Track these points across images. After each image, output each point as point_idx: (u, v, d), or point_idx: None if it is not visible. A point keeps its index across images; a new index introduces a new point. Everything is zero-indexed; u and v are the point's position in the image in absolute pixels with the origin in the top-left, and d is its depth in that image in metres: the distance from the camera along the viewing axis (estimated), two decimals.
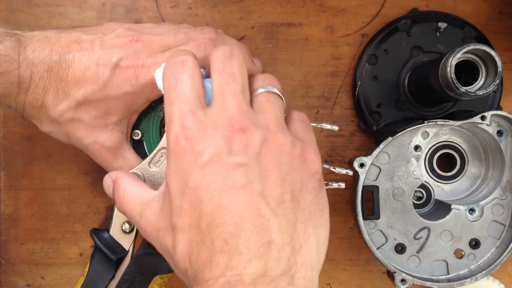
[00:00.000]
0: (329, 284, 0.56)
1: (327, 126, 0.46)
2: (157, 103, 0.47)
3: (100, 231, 0.46)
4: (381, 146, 0.48)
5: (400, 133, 0.48)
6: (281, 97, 0.39)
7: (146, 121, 0.48)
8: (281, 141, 0.35)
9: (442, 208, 0.51)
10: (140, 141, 0.48)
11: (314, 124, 0.46)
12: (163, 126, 0.48)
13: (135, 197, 0.39)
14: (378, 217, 0.49)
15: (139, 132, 0.48)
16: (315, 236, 0.35)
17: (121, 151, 0.45)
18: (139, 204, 0.38)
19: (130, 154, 0.46)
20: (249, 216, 0.32)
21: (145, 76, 0.42)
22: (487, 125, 0.49)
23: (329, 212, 0.55)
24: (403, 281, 0.48)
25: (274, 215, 0.33)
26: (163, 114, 0.48)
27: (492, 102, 0.53)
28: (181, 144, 0.34)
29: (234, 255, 0.31)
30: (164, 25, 0.46)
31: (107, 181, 0.42)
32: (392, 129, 0.50)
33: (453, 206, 0.50)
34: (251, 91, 0.38)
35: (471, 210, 0.51)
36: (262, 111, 0.37)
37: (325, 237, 0.36)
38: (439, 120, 0.49)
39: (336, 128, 0.46)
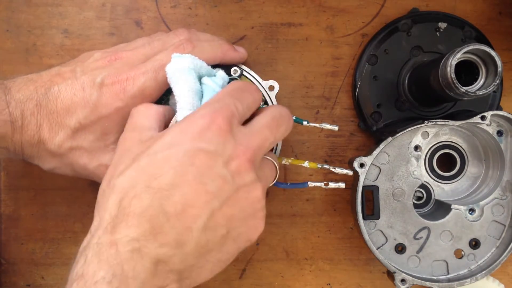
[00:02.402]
0: (329, 284, 0.56)
1: (327, 126, 0.46)
2: (157, 103, 0.47)
3: None
4: (381, 146, 0.48)
5: (400, 133, 0.48)
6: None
7: None
8: (256, 201, 0.38)
9: (442, 208, 0.51)
10: None
11: (315, 124, 0.46)
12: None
13: (147, 118, 0.41)
14: (378, 217, 0.49)
15: None
16: (206, 273, 0.38)
17: None
18: (143, 123, 0.40)
19: None
20: (189, 214, 0.34)
21: (132, 88, 0.43)
22: (487, 125, 0.49)
23: (329, 212, 0.56)
24: (403, 281, 0.48)
25: (202, 232, 0.35)
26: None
27: (492, 102, 0.53)
28: (205, 120, 0.36)
29: (155, 230, 0.33)
30: (137, 40, 0.47)
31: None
32: (392, 129, 0.50)
33: (453, 206, 0.50)
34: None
35: (471, 210, 0.51)
36: (264, 170, 0.41)
37: (205, 280, 0.38)
38: (439, 120, 0.49)
39: (336, 128, 0.46)
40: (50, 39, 0.53)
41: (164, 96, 0.47)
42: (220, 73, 0.45)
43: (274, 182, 0.43)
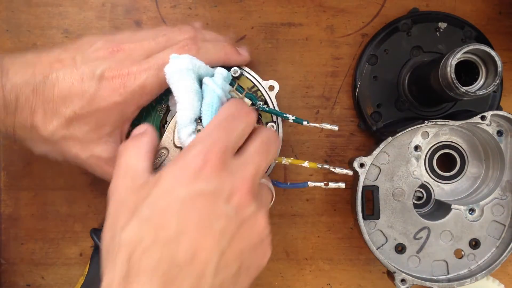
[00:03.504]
0: (329, 284, 0.56)
1: (327, 126, 0.46)
2: (157, 103, 0.47)
3: (100, 231, 0.46)
4: (381, 146, 0.48)
5: (400, 133, 0.48)
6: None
7: (147, 121, 0.48)
8: (262, 230, 0.38)
9: (442, 208, 0.51)
10: None
11: (315, 124, 0.46)
12: (163, 126, 0.48)
13: (137, 159, 0.39)
14: (378, 217, 0.49)
15: None
16: None
17: None
18: (134, 165, 0.39)
19: None
20: (200, 260, 0.34)
21: (133, 84, 0.42)
22: (487, 125, 0.49)
23: (329, 212, 0.56)
24: (403, 281, 0.48)
25: (215, 275, 0.34)
26: (163, 113, 0.48)
27: (492, 102, 0.53)
28: (199, 160, 0.36)
29: (167, 285, 0.33)
30: (142, 32, 0.47)
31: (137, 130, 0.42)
32: (392, 129, 0.50)
33: (453, 206, 0.50)
34: None
35: (471, 210, 0.51)
36: (262, 195, 0.41)
37: None
38: (439, 120, 0.49)
39: (336, 128, 0.46)
40: (50, 39, 0.53)
41: (164, 96, 0.47)
42: (219, 70, 0.44)
43: (271, 204, 0.43)
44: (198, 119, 0.41)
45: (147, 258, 0.33)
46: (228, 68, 0.48)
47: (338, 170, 0.46)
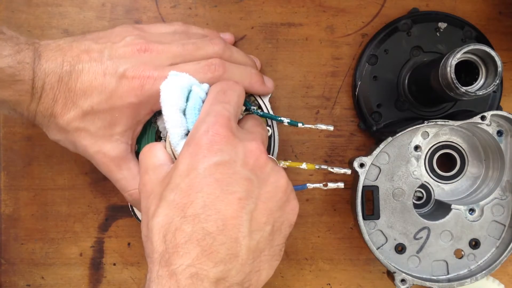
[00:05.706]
0: (329, 284, 0.56)
1: (322, 126, 0.46)
2: (153, 115, 0.47)
3: None
4: (381, 146, 0.48)
5: (400, 133, 0.48)
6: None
7: (141, 133, 0.47)
8: (286, 186, 0.39)
9: (442, 208, 0.51)
10: (136, 153, 0.47)
11: (309, 126, 0.46)
12: (159, 138, 0.48)
13: (155, 156, 0.42)
14: (378, 217, 0.49)
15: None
16: (266, 272, 0.38)
17: (126, 162, 0.45)
18: (153, 163, 0.41)
19: (134, 166, 0.46)
20: (231, 226, 0.35)
21: (151, 88, 0.43)
22: (487, 125, 0.49)
23: (329, 212, 0.56)
24: (403, 281, 0.48)
25: (249, 237, 0.36)
26: (158, 126, 0.47)
27: (492, 102, 0.53)
28: (208, 135, 0.37)
29: (206, 252, 0.34)
30: (175, 34, 0.47)
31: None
32: (392, 129, 0.50)
33: (453, 206, 0.50)
34: None
35: (471, 210, 0.51)
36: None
37: (266, 279, 0.39)
38: (439, 120, 0.49)
39: (331, 128, 0.46)
40: (50, 39, 0.53)
41: (152, 118, 0.47)
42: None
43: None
44: (188, 131, 0.41)
45: (180, 233, 0.35)
46: None
47: (336, 170, 0.46)
